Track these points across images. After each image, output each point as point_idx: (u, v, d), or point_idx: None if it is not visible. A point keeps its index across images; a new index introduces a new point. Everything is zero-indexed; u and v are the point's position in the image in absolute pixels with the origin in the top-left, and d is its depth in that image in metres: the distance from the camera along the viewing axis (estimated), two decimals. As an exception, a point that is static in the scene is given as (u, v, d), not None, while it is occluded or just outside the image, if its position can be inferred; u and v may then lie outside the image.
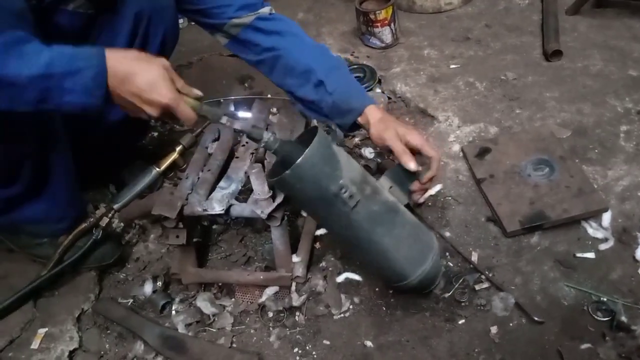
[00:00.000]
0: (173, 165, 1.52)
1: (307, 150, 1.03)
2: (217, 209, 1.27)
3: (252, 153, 1.41)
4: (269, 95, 2.05)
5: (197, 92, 1.12)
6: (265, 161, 1.35)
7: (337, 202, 1.10)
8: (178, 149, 1.52)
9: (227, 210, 1.28)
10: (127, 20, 1.38)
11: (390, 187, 1.28)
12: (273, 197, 1.25)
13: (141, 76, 1.01)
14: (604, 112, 1.78)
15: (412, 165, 1.25)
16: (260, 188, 1.23)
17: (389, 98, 1.97)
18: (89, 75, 0.97)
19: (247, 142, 1.44)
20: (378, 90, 2.00)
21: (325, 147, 1.08)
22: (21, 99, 0.97)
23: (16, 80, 0.94)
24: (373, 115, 1.31)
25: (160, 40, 1.45)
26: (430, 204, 1.57)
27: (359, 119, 1.33)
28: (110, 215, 1.45)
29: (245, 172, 1.35)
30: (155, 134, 1.89)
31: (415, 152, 1.28)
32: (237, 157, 1.41)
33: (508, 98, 1.89)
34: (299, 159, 1.03)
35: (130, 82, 1.01)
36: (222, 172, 1.39)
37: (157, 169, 1.47)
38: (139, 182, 1.47)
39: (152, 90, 1.02)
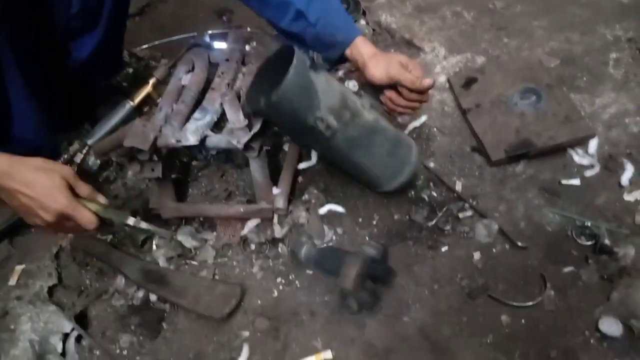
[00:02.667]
0: (147, 99, 1.48)
1: (282, 84, 1.03)
2: (192, 140, 1.22)
3: (228, 84, 1.35)
4: (248, 29, 1.97)
5: (102, 199, 1.12)
6: (241, 91, 1.30)
7: (315, 132, 1.14)
8: (152, 81, 1.48)
9: (203, 142, 1.24)
10: None
11: (372, 104, 1.24)
12: (249, 127, 1.21)
13: (37, 185, 1.02)
14: (593, 41, 1.73)
15: (428, 80, 1.28)
16: (234, 117, 1.18)
17: (374, 30, 1.90)
18: None
19: (222, 73, 1.38)
20: (362, 22, 1.92)
21: (302, 77, 1.06)
22: None
23: None
24: (365, 50, 1.24)
25: None
26: (415, 135, 1.53)
27: (347, 53, 1.27)
28: (84, 151, 1.41)
29: (222, 104, 1.30)
30: (130, 70, 1.81)
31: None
32: (212, 89, 1.35)
33: (496, 27, 1.83)
34: (274, 95, 1.04)
35: (24, 192, 1.02)
36: (197, 104, 1.33)
37: (131, 103, 1.44)
38: (112, 117, 1.44)
39: (47, 198, 1.02)
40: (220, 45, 1.46)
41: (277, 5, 1.26)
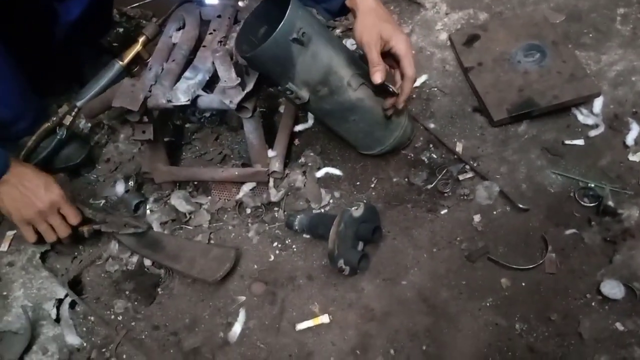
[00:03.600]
0: (137, 58, 1.42)
1: (257, 50, 1.03)
2: (182, 99, 1.18)
3: (220, 41, 1.30)
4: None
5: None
6: (230, 46, 1.25)
7: (287, 94, 1.15)
8: (141, 40, 1.42)
9: (194, 102, 1.19)
10: None
11: (362, 84, 1.17)
12: (242, 86, 1.16)
13: (36, 179, 1.17)
14: (601, -5, 1.66)
15: (377, 78, 1.09)
16: (226, 75, 1.14)
17: (372, -14, 1.82)
18: None
19: (214, 30, 1.32)
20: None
21: (280, 48, 1.05)
22: None
23: None
24: (364, 3, 1.13)
25: None
26: (414, 95, 1.49)
27: (347, 3, 1.17)
28: (73, 113, 1.36)
29: (213, 62, 1.25)
30: (121, 29, 1.75)
31: (396, 62, 1.15)
32: (204, 46, 1.29)
33: (500, -18, 1.75)
34: (250, 53, 1.05)
35: (25, 184, 1.15)
36: (189, 63, 1.28)
37: (120, 62, 1.39)
38: (101, 77, 1.39)
39: (44, 188, 1.16)
40: (211, 1, 1.39)
41: None
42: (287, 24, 1.02)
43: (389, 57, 1.14)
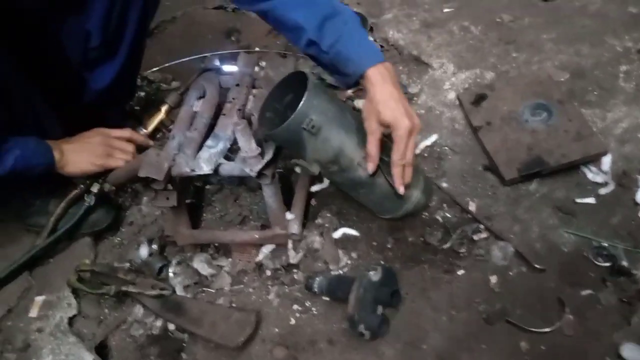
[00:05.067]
0: (160, 126, 1.48)
1: (274, 131, 1.11)
2: (205, 168, 1.23)
3: (239, 109, 1.36)
4: (257, 49, 1.98)
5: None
6: (252, 117, 1.31)
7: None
8: (164, 108, 1.48)
9: (216, 170, 1.25)
10: None
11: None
12: (262, 154, 1.21)
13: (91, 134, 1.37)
14: (602, 53, 1.73)
15: (369, 169, 1.15)
16: (247, 145, 1.19)
17: (382, 46, 1.90)
18: (40, 171, 1.26)
19: (233, 99, 1.38)
20: (370, 39, 1.92)
21: (292, 134, 1.11)
22: None
23: None
24: (370, 86, 1.12)
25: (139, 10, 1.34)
26: (426, 154, 1.54)
27: (361, 82, 1.17)
28: (100, 180, 1.42)
29: (234, 131, 1.31)
30: (142, 93, 1.82)
31: None
32: (224, 114, 1.35)
33: (504, 41, 1.82)
34: (267, 132, 1.14)
35: (89, 140, 1.36)
36: (210, 131, 1.34)
37: (145, 130, 1.45)
38: None
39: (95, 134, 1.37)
40: (230, 67, 1.46)
41: (291, 29, 1.21)
42: (299, 115, 1.07)
43: None
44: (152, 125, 1.46)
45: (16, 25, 1.12)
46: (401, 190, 1.17)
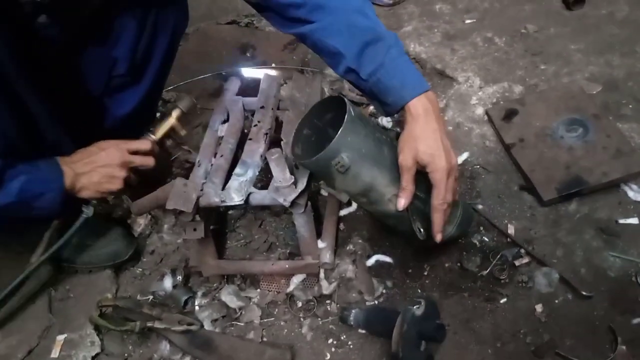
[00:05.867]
0: (170, 132, 1.36)
1: (305, 162, 1.06)
2: (236, 199, 1.17)
3: (266, 133, 1.30)
4: (274, 65, 1.92)
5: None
6: (282, 142, 1.25)
7: None
8: (175, 113, 1.36)
9: (247, 200, 1.19)
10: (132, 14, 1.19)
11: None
12: (295, 183, 1.15)
13: (101, 151, 1.18)
14: (634, 63, 1.68)
15: (399, 204, 1.05)
16: (281, 175, 1.13)
17: (403, 60, 1.84)
18: (49, 198, 1.10)
19: (258, 122, 1.33)
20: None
21: (322, 168, 1.04)
22: None
23: None
24: (411, 119, 1.05)
25: (172, 26, 1.27)
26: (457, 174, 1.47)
27: (402, 112, 1.09)
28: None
29: (262, 156, 1.25)
30: (158, 114, 1.76)
31: None
32: (250, 139, 1.30)
33: (530, 53, 1.77)
34: (301, 164, 1.11)
35: (94, 162, 1.17)
36: (235, 156, 1.29)
37: (153, 137, 1.33)
38: None
39: (107, 154, 1.19)
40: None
41: (330, 55, 1.12)
42: (330, 152, 0.99)
43: None
44: (161, 131, 1.33)
45: (39, 54, 1.06)
46: (438, 238, 1.10)
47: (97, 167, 1.17)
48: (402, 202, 1.05)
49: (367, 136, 1.04)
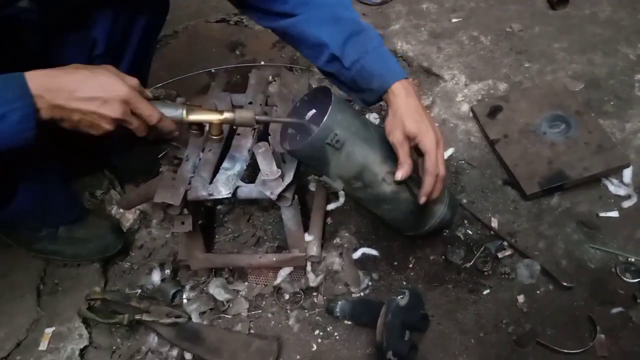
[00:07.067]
0: (202, 125, 1.09)
1: (295, 148, 1.08)
2: (224, 192, 1.19)
3: (254, 128, 1.32)
4: (262, 63, 1.94)
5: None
6: (269, 137, 1.27)
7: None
8: (227, 115, 1.05)
9: (234, 193, 1.20)
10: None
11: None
12: (282, 177, 1.17)
13: (86, 84, 0.90)
14: (616, 61, 1.71)
15: (397, 175, 1.08)
16: (268, 168, 1.15)
17: (390, 58, 1.87)
18: (14, 119, 0.86)
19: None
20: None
21: (315, 151, 1.06)
22: None
23: None
24: (395, 99, 1.09)
25: (151, 8, 1.27)
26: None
27: (384, 97, 1.13)
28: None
29: (249, 150, 1.27)
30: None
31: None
32: (238, 134, 1.32)
33: (515, 51, 1.80)
34: (290, 148, 1.10)
35: (74, 96, 0.89)
36: (224, 151, 1.30)
37: (182, 112, 1.06)
38: None
39: (106, 90, 0.91)
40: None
41: (311, 46, 1.16)
42: (324, 130, 1.03)
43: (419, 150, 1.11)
44: (198, 116, 1.06)
45: (19, 37, 1.07)
46: (422, 200, 1.11)
47: (88, 94, 0.90)
48: (398, 173, 1.09)
49: (354, 117, 1.09)
